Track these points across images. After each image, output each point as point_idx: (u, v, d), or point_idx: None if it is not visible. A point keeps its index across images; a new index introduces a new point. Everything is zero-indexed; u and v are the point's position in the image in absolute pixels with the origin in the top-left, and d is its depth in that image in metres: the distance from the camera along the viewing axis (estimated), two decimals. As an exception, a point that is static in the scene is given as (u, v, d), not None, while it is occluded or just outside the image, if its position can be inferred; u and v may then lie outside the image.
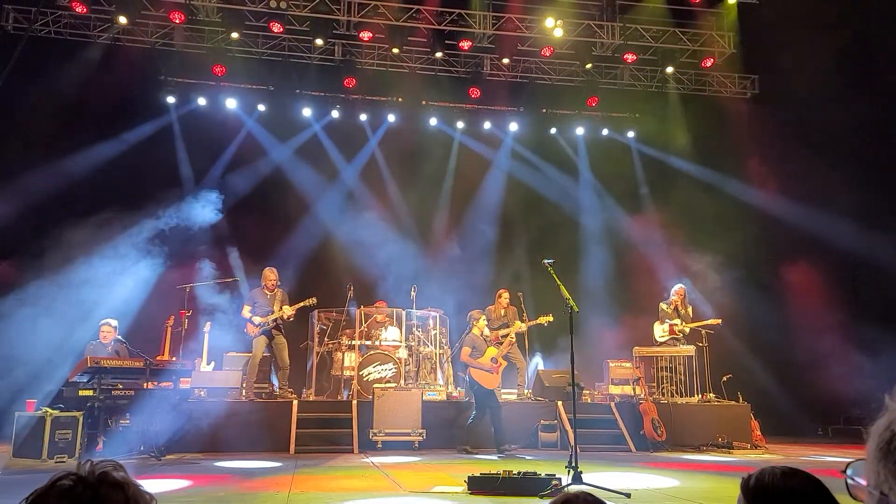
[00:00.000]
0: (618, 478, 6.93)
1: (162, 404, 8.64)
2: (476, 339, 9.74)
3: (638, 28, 13.32)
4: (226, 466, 7.76)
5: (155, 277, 11.11)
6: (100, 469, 1.17)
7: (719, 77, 14.57)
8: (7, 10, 12.34)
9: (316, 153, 14.00)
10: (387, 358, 10.65)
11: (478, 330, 9.84)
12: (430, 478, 6.90)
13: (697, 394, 11.35)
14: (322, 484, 6.57)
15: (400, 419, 9.57)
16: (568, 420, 9.82)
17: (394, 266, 12.68)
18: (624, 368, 11.30)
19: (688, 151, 14.11)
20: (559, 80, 14.43)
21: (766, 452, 10.06)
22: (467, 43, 13.12)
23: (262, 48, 13.43)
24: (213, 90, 13.44)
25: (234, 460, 8.26)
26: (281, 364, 10.35)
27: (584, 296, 13.02)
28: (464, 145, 14.78)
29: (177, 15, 12.05)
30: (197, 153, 13.46)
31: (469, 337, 9.86)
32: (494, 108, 14.60)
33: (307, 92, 13.67)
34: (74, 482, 1.14)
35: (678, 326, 11.43)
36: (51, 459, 7.70)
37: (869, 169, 11.84)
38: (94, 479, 1.15)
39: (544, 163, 14.82)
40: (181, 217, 11.84)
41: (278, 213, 13.37)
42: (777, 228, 13.12)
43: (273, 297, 10.31)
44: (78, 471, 1.16)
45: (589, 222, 14.68)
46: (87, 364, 8.16)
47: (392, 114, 14.22)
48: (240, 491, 6.10)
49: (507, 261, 13.82)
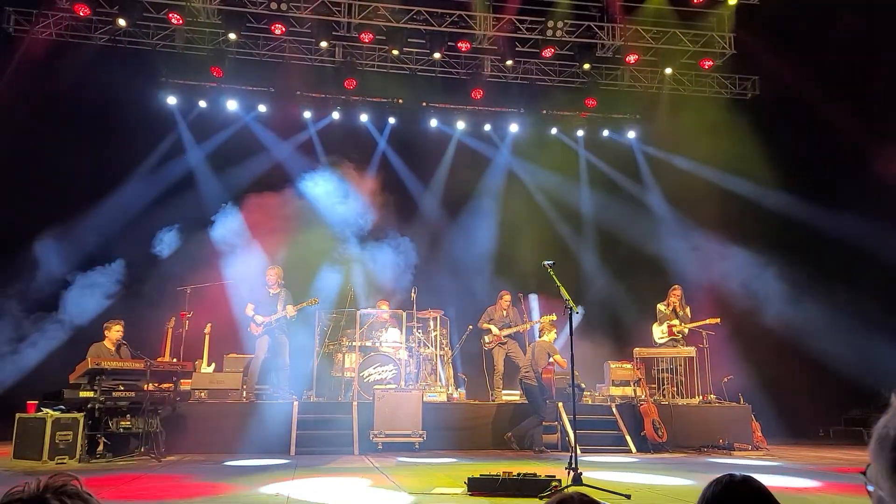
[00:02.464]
0: (618, 479, 6.93)
1: (163, 406, 8.65)
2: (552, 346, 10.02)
3: (638, 29, 13.32)
4: (226, 468, 7.75)
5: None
6: (53, 482, 1.13)
7: (719, 78, 14.57)
8: (8, 12, 12.36)
9: (316, 153, 14.04)
10: (387, 359, 10.66)
11: (548, 338, 10.10)
12: (430, 479, 6.89)
13: (698, 395, 11.34)
14: (322, 485, 6.57)
15: (400, 420, 9.57)
16: (568, 421, 9.82)
17: (396, 267, 12.68)
18: (625, 370, 11.30)
19: (688, 152, 14.09)
20: (560, 82, 14.44)
21: (767, 454, 10.04)
22: (466, 44, 13.11)
23: (262, 50, 13.44)
24: (213, 91, 13.44)
25: (234, 461, 8.26)
26: (281, 364, 10.41)
27: (585, 296, 13.02)
28: (464, 146, 14.77)
29: (176, 17, 12.04)
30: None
31: (551, 346, 10.06)
32: (495, 110, 14.61)
33: (307, 93, 13.70)
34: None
35: (677, 327, 11.42)
36: (51, 461, 7.69)
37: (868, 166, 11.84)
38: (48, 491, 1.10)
39: (545, 163, 14.79)
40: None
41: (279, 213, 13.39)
42: (779, 224, 13.10)
43: (277, 296, 10.43)
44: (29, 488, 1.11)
45: (591, 223, 14.67)
46: (88, 365, 8.17)
47: (392, 115, 14.23)
48: (240, 492, 6.09)
49: (511, 263, 13.78)
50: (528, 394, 9.97)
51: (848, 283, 11.90)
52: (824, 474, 7.46)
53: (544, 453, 9.51)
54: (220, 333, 11.10)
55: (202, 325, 10.77)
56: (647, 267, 13.41)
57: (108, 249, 11.47)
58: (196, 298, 10.62)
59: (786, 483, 6.73)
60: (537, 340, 10.39)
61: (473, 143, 14.87)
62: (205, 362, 10.70)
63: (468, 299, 12.69)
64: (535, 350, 10.10)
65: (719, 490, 1.60)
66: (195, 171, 13.37)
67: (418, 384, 10.95)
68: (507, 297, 11.30)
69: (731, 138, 13.25)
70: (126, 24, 12.11)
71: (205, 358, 10.73)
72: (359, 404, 9.95)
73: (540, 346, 10.10)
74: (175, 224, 11.73)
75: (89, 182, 12.26)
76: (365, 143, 14.34)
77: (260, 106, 13.68)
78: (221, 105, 13.50)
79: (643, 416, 10.20)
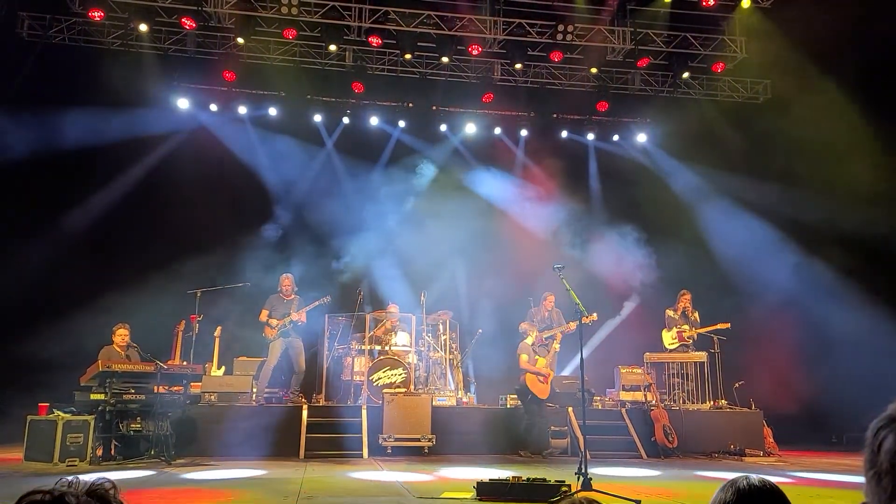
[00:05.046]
0: (628, 484, 6.89)
1: (173, 409, 8.67)
2: (529, 348, 10.14)
3: (649, 33, 13.27)
4: (236, 471, 7.76)
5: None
6: (88, 485, 1.12)
7: (731, 82, 14.50)
8: (22, 17, 12.47)
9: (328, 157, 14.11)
10: (396, 363, 10.65)
11: (530, 340, 10.24)
12: (439, 484, 6.88)
13: (709, 400, 11.27)
14: (331, 489, 6.56)
15: (409, 425, 9.56)
16: (578, 426, 9.78)
17: (405, 270, 12.69)
18: (635, 374, 11.24)
19: (699, 156, 14.00)
20: (570, 86, 14.41)
21: (778, 460, 9.96)
22: (477, 48, 13.11)
23: (273, 54, 13.49)
24: (224, 96, 13.50)
25: (244, 465, 8.27)
26: (296, 368, 10.60)
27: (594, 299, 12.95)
28: (472, 149, 14.75)
29: (189, 21, 12.11)
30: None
31: (522, 345, 10.18)
32: (505, 113, 14.59)
33: (318, 97, 13.74)
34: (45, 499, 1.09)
35: (687, 332, 11.36)
36: (62, 463, 7.73)
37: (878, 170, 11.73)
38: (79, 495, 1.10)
39: (554, 167, 14.73)
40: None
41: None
42: (792, 230, 13.00)
43: (290, 302, 10.67)
44: (60, 487, 1.11)
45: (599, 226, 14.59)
46: (98, 368, 8.21)
47: (402, 119, 14.24)
48: (249, 496, 6.09)
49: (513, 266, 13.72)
50: (529, 397, 10.07)
51: (864, 283, 11.79)
52: (835, 480, 7.38)
53: (553, 457, 9.48)
54: (230, 336, 11.15)
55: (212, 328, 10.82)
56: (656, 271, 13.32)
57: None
58: (205, 302, 10.66)
59: (796, 490, 6.67)
60: (529, 343, 10.36)
61: (481, 145, 14.81)
62: (215, 365, 10.74)
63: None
64: (533, 353, 10.18)
65: (739, 494, 1.54)
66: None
67: (427, 388, 10.94)
68: (551, 299, 11.31)
69: (743, 141, 13.17)
70: (146, 30, 12.17)
71: (215, 361, 10.76)
72: (368, 408, 9.95)
73: (518, 348, 10.16)
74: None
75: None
76: (371, 144, 14.39)
77: (271, 109, 13.72)
78: (233, 109, 13.57)
79: (654, 422, 10.14)
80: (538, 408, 10.03)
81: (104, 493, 1.12)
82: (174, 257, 11.72)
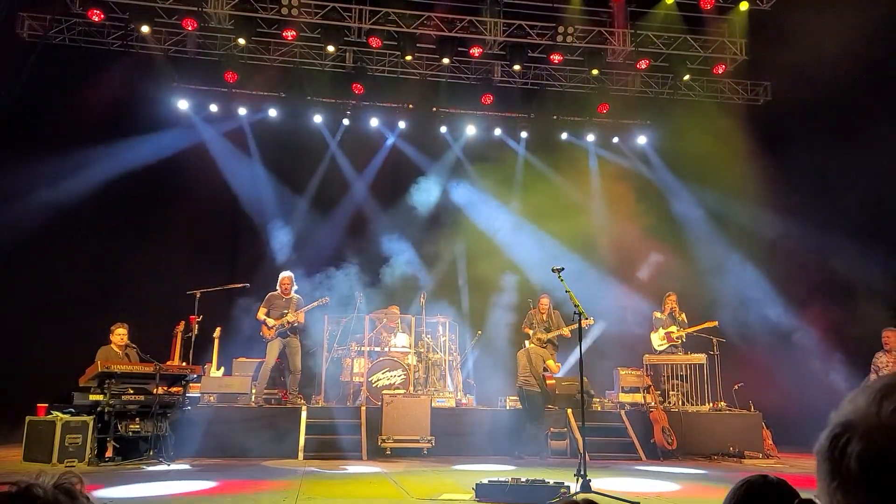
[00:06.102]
0: (627, 486, 6.88)
1: (171, 409, 8.67)
2: (528, 350, 10.25)
3: (649, 35, 13.27)
4: (234, 472, 7.76)
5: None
6: (55, 478, 1.11)
7: (731, 84, 14.51)
8: (22, 18, 12.47)
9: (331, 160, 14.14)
10: (396, 364, 10.65)
11: (530, 343, 10.36)
12: (438, 485, 6.87)
13: (708, 402, 11.26)
14: (330, 490, 6.56)
15: (409, 426, 9.55)
16: (577, 428, 9.78)
17: (404, 272, 12.69)
18: (634, 376, 11.24)
19: (699, 158, 13.99)
20: (570, 87, 14.41)
21: (777, 462, 9.95)
22: (478, 50, 13.12)
23: (273, 55, 13.49)
24: (224, 96, 13.50)
25: (242, 466, 8.26)
26: (292, 368, 10.45)
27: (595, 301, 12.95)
28: (474, 151, 14.75)
29: (189, 22, 12.10)
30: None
31: (524, 351, 10.29)
32: (505, 115, 14.59)
33: (318, 99, 13.73)
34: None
35: (675, 333, 11.37)
36: (60, 464, 7.73)
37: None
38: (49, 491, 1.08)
39: (555, 169, 14.74)
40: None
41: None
42: (789, 237, 13.00)
43: (289, 301, 10.53)
44: (27, 479, 1.10)
45: (600, 227, 14.60)
46: (98, 369, 8.20)
47: (403, 120, 14.24)
48: (248, 497, 6.09)
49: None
50: (530, 400, 10.00)
51: (864, 290, 11.77)
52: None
53: (552, 459, 9.48)
54: (229, 338, 11.14)
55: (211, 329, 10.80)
56: (653, 272, 13.32)
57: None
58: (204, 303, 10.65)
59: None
60: (529, 346, 10.38)
61: (484, 147, 14.82)
62: (214, 366, 10.73)
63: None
64: (532, 356, 10.12)
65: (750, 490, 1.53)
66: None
67: (427, 390, 10.94)
68: (546, 301, 11.31)
69: (743, 144, 13.16)
70: (148, 31, 12.16)
71: (214, 362, 10.76)
72: (367, 409, 9.95)
73: (535, 351, 10.15)
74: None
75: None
76: (374, 146, 14.40)
77: (271, 110, 13.72)
78: (233, 111, 13.57)
79: (653, 423, 10.13)
80: (538, 409, 10.02)
81: (70, 487, 1.12)
82: (174, 257, 11.72)
